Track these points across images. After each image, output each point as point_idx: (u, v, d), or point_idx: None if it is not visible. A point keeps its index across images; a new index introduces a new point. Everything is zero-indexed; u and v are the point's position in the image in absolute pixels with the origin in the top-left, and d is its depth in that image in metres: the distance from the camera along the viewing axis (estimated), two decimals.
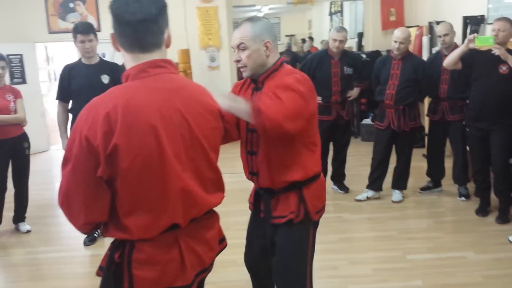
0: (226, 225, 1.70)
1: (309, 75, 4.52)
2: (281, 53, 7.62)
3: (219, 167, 1.54)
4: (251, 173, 2.07)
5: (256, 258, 2.24)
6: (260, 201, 2.10)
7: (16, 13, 7.36)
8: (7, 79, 6.80)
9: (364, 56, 7.14)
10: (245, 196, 2.30)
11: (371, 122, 6.68)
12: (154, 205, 1.34)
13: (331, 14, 13.16)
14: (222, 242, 1.66)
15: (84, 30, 3.53)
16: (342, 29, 4.55)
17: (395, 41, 4.21)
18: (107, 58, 5.13)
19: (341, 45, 4.48)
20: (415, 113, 4.33)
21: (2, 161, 3.90)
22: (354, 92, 4.77)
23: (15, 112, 3.93)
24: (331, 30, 5.19)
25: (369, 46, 7.76)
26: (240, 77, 8.48)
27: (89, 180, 1.29)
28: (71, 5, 7.62)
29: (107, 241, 1.77)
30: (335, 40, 4.46)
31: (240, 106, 1.76)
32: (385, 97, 4.32)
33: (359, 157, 5.81)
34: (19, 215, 4.10)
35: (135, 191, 1.32)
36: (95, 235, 3.82)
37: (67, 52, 8.22)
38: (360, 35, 8.92)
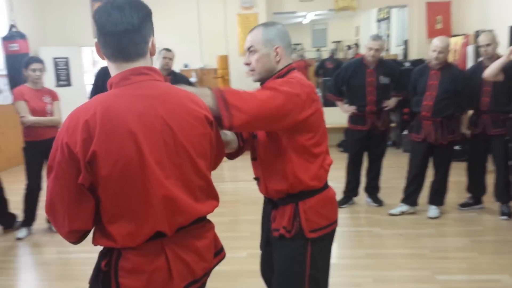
0: (252, 234, 1.66)
1: (343, 83, 4.47)
2: (324, 60, 7.38)
3: (208, 175, 1.49)
4: (255, 179, 2.04)
5: (267, 268, 2.18)
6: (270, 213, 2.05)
7: (64, 18, 7.69)
8: (52, 82, 7.15)
9: (408, 64, 6.93)
10: None
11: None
12: (137, 212, 1.32)
13: (378, 21, 12.90)
14: (219, 253, 1.62)
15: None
16: (378, 37, 4.43)
17: (434, 50, 4.04)
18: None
19: (377, 53, 4.35)
20: (453, 126, 4.13)
21: (37, 161, 4.06)
22: (390, 102, 4.60)
23: (52, 114, 4.07)
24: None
25: (413, 54, 7.53)
26: None
27: (72, 188, 1.28)
28: None
29: None
30: (370, 48, 4.35)
31: (203, 90, 1.67)
32: (422, 109, 4.15)
33: (398, 169, 5.61)
34: None
35: (117, 198, 1.30)
36: None
37: None
38: (407, 43, 8.67)
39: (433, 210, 4.30)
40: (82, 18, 7.69)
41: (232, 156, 2.00)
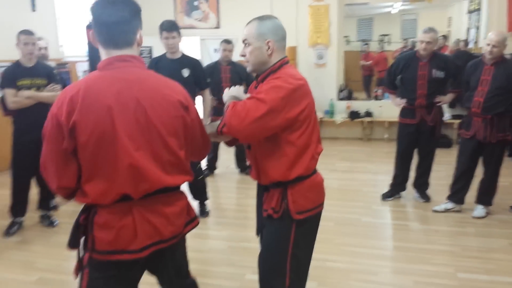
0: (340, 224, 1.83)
1: (395, 76, 4.43)
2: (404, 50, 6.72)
3: (179, 152, 1.71)
4: (249, 166, 2.25)
5: None
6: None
7: (148, 10, 8.27)
8: None
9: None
10: (347, 194, 2.25)
11: None
12: (107, 175, 1.59)
13: (469, 12, 12.15)
14: (192, 222, 1.86)
15: (168, 28, 3.94)
16: (430, 30, 4.30)
17: (488, 44, 3.89)
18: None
19: (428, 46, 4.25)
20: (505, 124, 3.94)
21: None
22: (446, 98, 4.47)
23: None
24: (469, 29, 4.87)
25: None
26: (346, 74, 8.41)
27: (59, 151, 1.59)
28: (196, 3, 8.35)
29: None
30: (422, 41, 4.27)
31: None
32: (472, 104, 4.02)
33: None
34: None
35: (92, 162, 1.59)
36: None
37: (191, 45, 8.98)
38: None
39: (479, 210, 4.16)
40: (165, 9, 8.28)
41: (229, 143, 2.17)
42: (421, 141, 4.52)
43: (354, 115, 7.70)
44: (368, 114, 7.70)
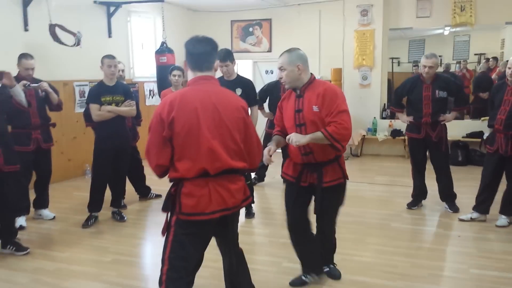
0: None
1: (402, 97, 4.99)
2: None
3: (240, 144, 2.40)
4: (306, 154, 2.99)
5: (300, 219, 3.13)
6: (304, 173, 3.04)
7: (209, 36, 9.18)
8: None
9: None
10: (381, 203, 2.94)
11: None
12: (192, 155, 2.28)
13: None
14: (247, 199, 2.52)
15: (222, 58, 4.61)
16: (432, 55, 4.78)
17: (509, 68, 4.29)
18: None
19: (430, 70, 4.74)
20: None
21: None
22: (449, 116, 4.89)
23: None
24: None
25: None
26: (388, 95, 8.82)
27: (159, 138, 2.30)
28: (250, 29, 9.13)
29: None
30: (424, 66, 4.77)
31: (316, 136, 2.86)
32: (495, 122, 4.41)
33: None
34: None
35: (182, 146, 2.28)
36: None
37: (245, 67, 9.75)
38: None
39: (502, 220, 4.50)
40: (223, 36, 9.08)
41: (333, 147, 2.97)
42: (432, 157, 4.99)
43: (396, 133, 8.10)
44: None
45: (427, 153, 5.06)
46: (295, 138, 2.82)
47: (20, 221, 4.63)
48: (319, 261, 3.33)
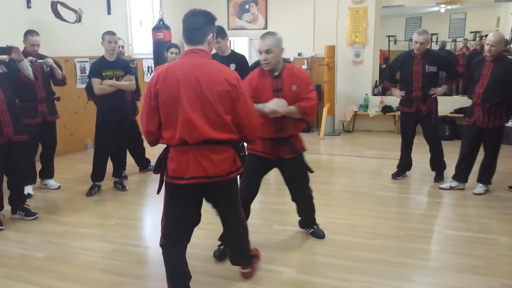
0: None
1: (395, 72, 5.23)
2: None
3: (224, 116, 2.48)
4: (280, 130, 3.26)
5: (256, 191, 3.49)
6: (274, 147, 3.30)
7: None
8: None
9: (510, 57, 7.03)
10: (368, 174, 3.18)
11: (509, 125, 6.69)
12: (173, 125, 2.46)
13: None
14: (235, 171, 2.63)
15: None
16: (423, 32, 5.02)
17: (487, 44, 4.54)
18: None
19: (421, 46, 4.98)
20: (501, 112, 4.56)
21: None
22: (439, 90, 5.12)
23: None
24: None
25: None
26: (380, 72, 9.04)
27: (149, 107, 2.51)
28: (246, 6, 9.30)
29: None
30: (416, 42, 5.01)
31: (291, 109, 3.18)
32: (474, 96, 4.68)
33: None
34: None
35: (165, 116, 2.47)
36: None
37: (241, 44, 9.95)
38: None
39: (479, 188, 4.81)
40: (219, 13, 9.26)
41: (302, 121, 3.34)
42: (423, 130, 5.27)
43: (386, 109, 8.37)
44: None
45: (416, 128, 5.32)
46: (277, 107, 3.07)
47: (28, 189, 4.92)
48: None
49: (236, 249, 2.97)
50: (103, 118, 5.02)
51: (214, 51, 5.27)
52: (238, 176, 2.74)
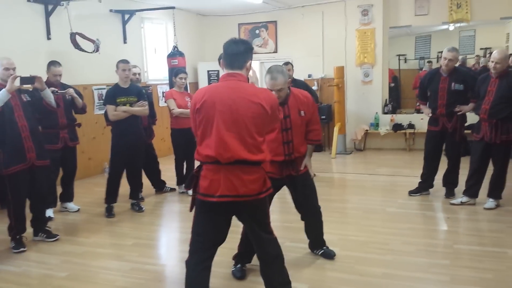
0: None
1: (426, 89, 5.29)
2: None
3: (257, 137, 2.58)
4: (289, 154, 3.40)
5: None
6: (286, 167, 3.43)
7: (217, 40, 9.62)
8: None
9: None
10: (379, 192, 3.28)
11: None
12: (207, 143, 2.58)
13: None
14: (266, 191, 2.70)
15: None
16: (453, 49, 5.11)
17: (492, 61, 4.66)
18: None
19: (450, 63, 5.06)
20: (508, 127, 4.63)
21: (181, 143, 5.75)
22: (466, 107, 5.17)
23: None
24: None
25: None
26: (390, 92, 9.16)
27: (193, 120, 2.66)
28: (257, 31, 9.57)
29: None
30: (445, 58, 5.09)
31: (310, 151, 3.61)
32: (480, 112, 4.77)
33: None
34: None
35: (202, 133, 2.61)
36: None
37: (253, 67, 10.17)
38: None
39: (489, 203, 4.86)
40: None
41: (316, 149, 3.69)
42: (446, 145, 5.32)
43: (397, 127, 8.47)
44: (411, 126, 8.44)
45: (442, 147, 5.36)
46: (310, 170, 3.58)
47: (49, 213, 5.10)
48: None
49: (271, 268, 2.88)
50: (117, 142, 5.20)
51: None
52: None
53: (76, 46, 6.45)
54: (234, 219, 2.80)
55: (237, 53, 2.66)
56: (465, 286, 3.17)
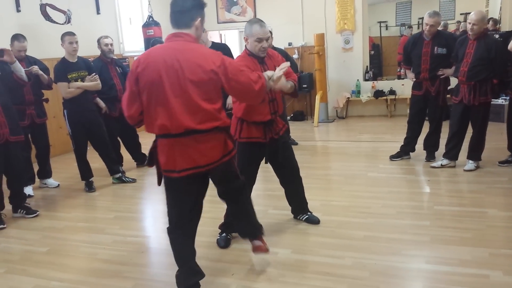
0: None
1: (409, 53, 5.22)
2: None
3: (207, 105, 2.37)
4: (274, 112, 3.33)
5: (255, 177, 3.53)
6: (268, 130, 3.34)
7: None
8: None
9: (497, 36, 7.13)
10: (361, 158, 3.27)
11: (499, 102, 6.82)
12: (154, 113, 2.38)
13: None
14: (228, 154, 2.56)
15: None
16: (434, 14, 5.05)
17: (469, 23, 4.63)
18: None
19: (432, 29, 5.02)
20: (486, 89, 4.64)
21: None
22: (448, 71, 5.12)
23: None
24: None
25: (505, 26, 7.62)
26: (370, 59, 9.11)
27: (130, 92, 2.43)
28: None
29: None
30: (426, 24, 5.05)
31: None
32: (459, 74, 4.77)
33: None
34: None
35: (147, 102, 2.39)
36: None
37: (232, 37, 10.01)
38: None
39: (469, 164, 4.91)
40: (208, 6, 9.27)
41: (293, 95, 3.48)
42: (429, 109, 5.32)
43: (378, 93, 8.47)
44: (392, 92, 8.45)
45: (425, 111, 5.36)
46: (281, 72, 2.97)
47: (28, 190, 5.00)
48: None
49: (246, 218, 2.99)
50: (74, 118, 5.00)
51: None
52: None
53: (47, 17, 6.22)
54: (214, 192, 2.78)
55: (183, 10, 2.42)
56: (445, 245, 3.21)
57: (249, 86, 2.55)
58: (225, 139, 2.57)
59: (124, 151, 5.96)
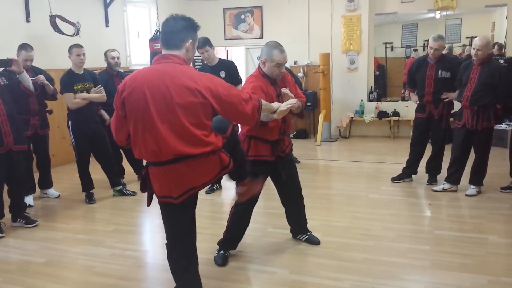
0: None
1: (413, 76, 5.27)
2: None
3: (195, 131, 2.21)
4: (283, 133, 3.38)
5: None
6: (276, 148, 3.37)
7: (202, 23, 9.50)
8: None
9: (501, 61, 7.16)
10: (363, 179, 3.30)
11: (503, 128, 6.83)
12: (142, 139, 2.26)
13: (506, 18, 12.45)
14: (226, 168, 2.40)
15: (200, 45, 4.88)
16: (438, 38, 5.09)
17: (474, 48, 4.65)
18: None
19: (436, 52, 5.05)
20: (489, 114, 4.65)
21: None
22: (452, 95, 5.15)
23: None
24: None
25: (511, 51, 7.66)
26: (375, 79, 9.16)
27: (118, 116, 2.33)
28: (242, 16, 9.45)
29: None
30: (431, 48, 5.08)
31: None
32: (462, 99, 4.78)
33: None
34: None
35: (133, 128, 2.26)
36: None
37: (238, 54, 10.09)
38: None
39: (471, 189, 4.89)
40: (216, 24, 9.41)
41: (299, 115, 3.51)
42: (432, 132, 5.33)
43: (382, 114, 8.48)
44: (395, 113, 8.46)
45: (429, 134, 5.35)
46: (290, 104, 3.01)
47: (28, 200, 5.01)
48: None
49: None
50: (78, 131, 5.03)
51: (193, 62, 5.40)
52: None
53: (56, 29, 6.30)
54: (218, 209, 2.77)
55: (174, 31, 2.28)
56: (445, 271, 3.19)
57: (240, 107, 2.39)
58: (219, 155, 2.40)
59: (126, 164, 5.95)
